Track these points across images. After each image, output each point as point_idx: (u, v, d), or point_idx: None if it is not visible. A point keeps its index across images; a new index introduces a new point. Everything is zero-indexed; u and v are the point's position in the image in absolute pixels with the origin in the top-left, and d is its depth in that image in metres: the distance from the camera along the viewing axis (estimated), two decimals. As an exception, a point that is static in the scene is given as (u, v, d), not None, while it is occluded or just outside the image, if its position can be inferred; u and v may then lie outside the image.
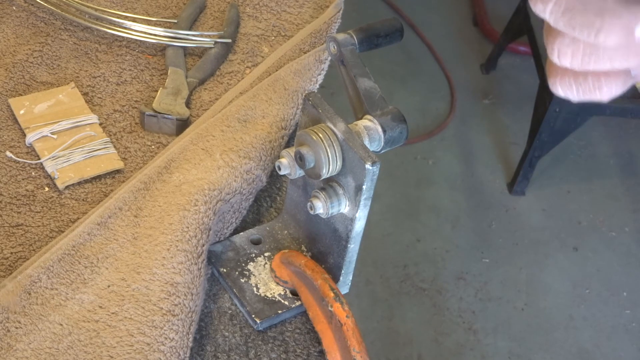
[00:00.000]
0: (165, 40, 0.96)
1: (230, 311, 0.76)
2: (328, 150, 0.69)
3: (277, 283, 0.77)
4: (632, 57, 0.44)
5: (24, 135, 0.86)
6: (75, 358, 0.68)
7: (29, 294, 0.72)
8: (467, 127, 2.42)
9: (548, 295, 2.06)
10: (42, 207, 0.81)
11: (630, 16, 0.42)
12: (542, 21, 0.47)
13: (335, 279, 0.76)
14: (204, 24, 1.02)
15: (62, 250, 0.74)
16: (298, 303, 0.76)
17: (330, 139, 0.70)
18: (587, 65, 0.45)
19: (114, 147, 0.86)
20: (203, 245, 0.75)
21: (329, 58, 0.95)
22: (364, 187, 0.69)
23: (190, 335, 0.70)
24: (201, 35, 0.98)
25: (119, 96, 0.92)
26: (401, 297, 2.00)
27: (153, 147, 0.88)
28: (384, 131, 0.76)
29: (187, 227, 0.74)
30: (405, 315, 1.97)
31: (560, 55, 0.45)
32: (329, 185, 0.72)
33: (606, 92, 0.46)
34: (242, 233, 0.81)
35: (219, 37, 0.98)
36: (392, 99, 2.41)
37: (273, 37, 1.01)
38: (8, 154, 0.85)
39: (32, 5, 0.99)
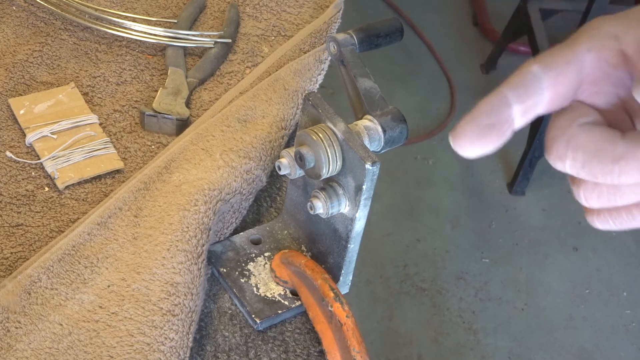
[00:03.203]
0: (165, 40, 0.96)
1: (230, 311, 0.76)
2: (328, 150, 0.69)
3: (277, 283, 0.77)
4: None
5: (24, 135, 0.86)
6: (75, 358, 0.68)
7: (29, 294, 0.72)
8: (467, 127, 2.42)
9: (548, 295, 2.06)
10: (42, 207, 0.81)
11: None
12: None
13: (335, 279, 0.76)
14: (204, 24, 1.02)
15: (62, 250, 0.74)
16: (298, 303, 0.76)
17: (330, 139, 0.70)
18: (614, 203, 0.49)
19: (114, 147, 0.86)
20: (203, 245, 0.75)
21: (329, 58, 0.95)
22: (364, 187, 0.69)
23: (190, 335, 0.71)
24: (201, 35, 0.98)
25: (119, 96, 0.92)
26: (401, 297, 2.00)
27: (153, 147, 0.88)
28: (384, 131, 0.76)
29: (187, 227, 0.75)
30: (405, 315, 1.97)
31: (588, 199, 0.49)
32: (329, 185, 0.72)
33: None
34: (242, 233, 0.81)
35: (219, 37, 0.98)
36: (392, 99, 2.40)
37: (273, 37, 1.01)
38: (8, 154, 0.85)
39: (32, 5, 0.99)
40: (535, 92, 0.48)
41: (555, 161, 0.48)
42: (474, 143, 0.47)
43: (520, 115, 0.48)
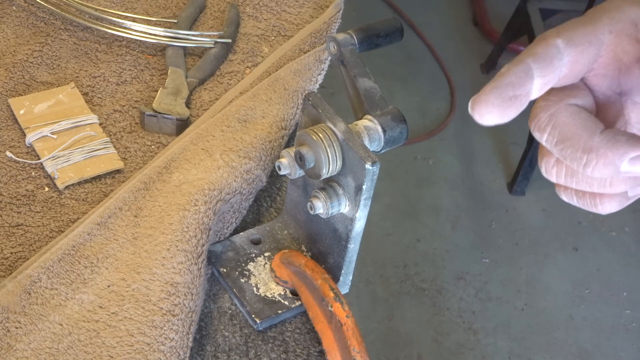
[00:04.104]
0: (165, 40, 0.96)
1: (230, 311, 0.76)
2: (328, 150, 0.69)
3: (277, 283, 0.77)
4: (612, 186, 0.48)
5: (24, 135, 0.86)
6: (75, 358, 0.68)
7: (29, 294, 0.72)
8: (467, 127, 2.42)
9: (548, 295, 2.06)
10: (42, 207, 0.81)
11: (614, 155, 0.45)
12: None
13: (335, 279, 0.76)
14: (204, 24, 1.02)
15: (62, 250, 0.74)
16: (298, 303, 0.76)
17: (330, 139, 0.70)
18: (570, 185, 0.50)
19: (114, 147, 0.86)
20: (203, 245, 0.75)
21: (329, 58, 0.95)
22: (364, 187, 0.69)
23: (190, 335, 0.71)
24: (201, 35, 0.98)
25: (119, 96, 0.92)
26: (401, 297, 2.00)
27: (153, 147, 0.88)
28: (384, 131, 0.76)
29: (187, 227, 0.74)
30: (405, 315, 1.97)
31: (547, 172, 0.51)
32: (329, 185, 0.72)
33: (603, 210, 0.51)
34: (242, 233, 0.81)
35: (219, 37, 0.98)
36: (392, 99, 2.41)
37: (273, 37, 1.01)
38: (8, 154, 0.85)
39: (32, 5, 0.99)
40: (557, 67, 0.48)
41: (534, 130, 0.49)
42: (494, 113, 0.47)
43: (538, 88, 0.48)
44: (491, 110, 0.47)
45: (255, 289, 0.76)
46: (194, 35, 0.98)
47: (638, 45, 0.48)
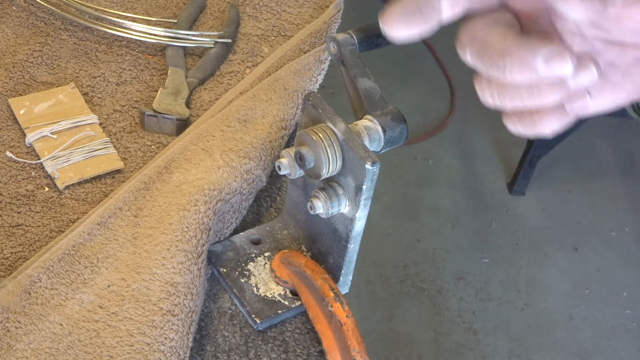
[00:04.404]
0: (165, 40, 0.96)
1: (230, 311, 0.76)
2: (328, 150, 0.69)
3: (277, 283, 0.77)
4: (542, 95, 0.48)
5: (24, 135, 0.86)
6: (75, 358, 0.68)
7: (29, 294, 0.72)
8: (467, 127, 2.42)
9: (548, 295, 2.06)
10: (42, 207, 0.81)
11: (528, 53, 0.45)
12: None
13: (335, 279, 0.76)
14: (204, 24, 1.02)
15: (62, 250, 0.74)
16: (298, 303, 0.76)
17: (330, 139, 0.70)
18: (503, 103, 0.50)
19: (114, 147, 0.86)
20: (203, 245, 0.75)
21: (329, 58, 0.95)
22: (364, 187, 0.69)
23: (190, 335, 0.70)
24: (201, 35, 0.98)
25: (119, 96, 0.92)
26: (401, 297, 2.00)
27: (153, 147, 0.88)
28: (384, 131, 0.76)
29: (187, 227, 0.74)
30: (405, 315, 1.97)
31: (482, 94, 0.51)
32: (329, 185, 0.72)
33: (544, 128, 0.51)
34: (242, 233, 0.81)
35: (219, 37, 0.98)
36: (392, 99, 2.40)
37: (273, 37, 1.01)
38: (8, 154, 0.85)
39: (32, 5, 0.99)
40: None
41: (460, 51, 0.49)
42: (401, 27, 0.48)
43: (448, 6, 0.48)
44: (397, 24, 0.48)
45: (255, 289, 0.76)
46: (194, 35, 0.98)
47: None
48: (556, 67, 0.45)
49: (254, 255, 0.79)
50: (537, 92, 0.48)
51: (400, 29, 0.48)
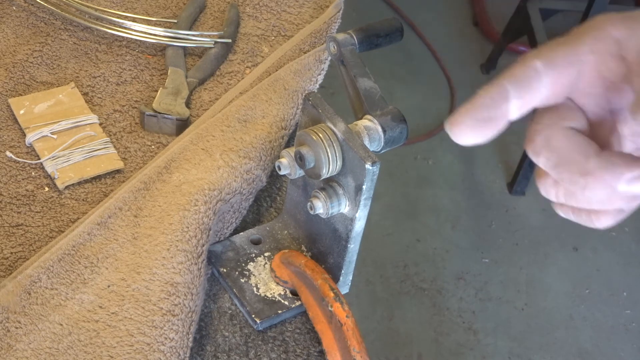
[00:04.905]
0: (165, 40, 0.96)
1: (230, 311, 0.76)
2: (328, 150, 0.69)
3: (277, 283, 0.77)
4: (610, 203, 0.49)
5: (24, 135, 0.86)
6: (75, 358, 0.68)
7: (29, 294, 0.72)
8: (467, 127, 2.42)
9: (548, 295, 2.06)
10: (42, 207, 0.81)
11: (611, 177, 0.47)
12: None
13: (335, 279, 0.76)
14: (204, 24, 1.02)
15: (62, 250, 0.74)
16: (298, 303, 0.76)
17: (330, 139, 0.70)
18: (569, 203, 0.51)
19: (114, 147, 0.86)
20: (203, 245, 0.75)
21: (329, 58, 0.95)
22: (364, 187, 0.69)
23: (190, 335, 0.71)
24: (201, 35, 0.98)
25: (119, 96, 0.92)
26: (401, 297, 2.00)
27: (153, 147, 0.88)
28: (384, 131, 0.76)
29: (187, 227, 0.74)
30: (405, 315, 1.97)
31: (546, 192, 0.52)
32: (329, 185, 0.72)
33: (600, 224, 0.52)
34: (242, 233, 0.81)
35: (219, 37, 0.98)
36: (392, 99, 2.41)
37: (273, 37, 1.01)
38: (8, 154, 0.85)
39: (32, 5, 0.99)
40: (535, 88, 0.48)
41: (531, 154, 0.50)
42: (469, 134, 0.48)
43: (516, 109, 0.48)
44: (465, 131, 0.48)
45: (255, 289, 0.76)
46: (194, 35, 0.98)
47: (622, 63, 0.48)
48: (637, 189, 0.46)
49: (254, 255, 0.79)
50: (607, 201, 0.49)
51: (468, 136, 0.48)
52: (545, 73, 0.48)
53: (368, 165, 0.67)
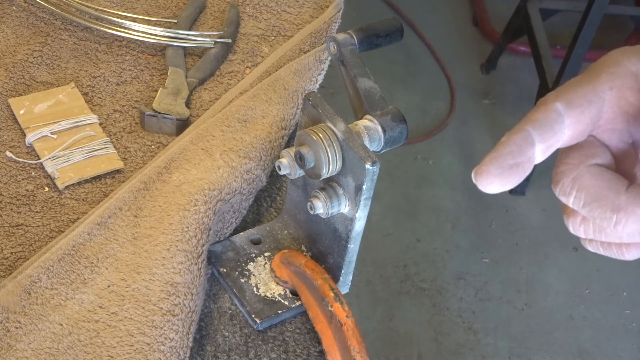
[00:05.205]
0: (165, 40, 0.96)
1: (230, 311, 0.76)
2: (328, 150, 0.69)
3: (277, 283, 0.77)
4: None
5: (24, 135, 0.86)
6: (75, 358, 0.68)
7: (29, 294, 0.72)
8: (467, 127, 2.42)
9: (548, 295, 2.06)
10: (42, 207, 0.81)
11: None
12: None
13: (335, 279, 0.76)
14: (204, 24, 1.02)
15: (62, 250, 0.74)
16: (298, 303, 0.76)
17: (330, 139, 0.70)
18: (599, 238, 0.52)
19: (114, 147, 0.86)
20: (203, 245, 0.75)
21: (329, 58, 0.95)
22: (364, 187, 0.69)
23: (190, 335, 0.71)
24: (201, 35, 0.98)
25: (119, 96, 0.92)
26: (401, 297, 2.00)
27: (153, 147, 0.88)
28: (384, 131, 0.76)
29: (187, 227, 0.74)
30: (405, 315, 1.97)
31: (575, 230, 0.53)
32: (329, 185, 0.72)
33: (630, 257, 0.52)
34: (242, 233, 0.81)
35: (219, 37, 0.98)
36: (392, 99, 2.41)
37: (273, 37, 1.01)
38: (8, 154, 0.85)
39: (32, 5, 0.99)
40: (558, 130, 0.49)
41: (560, 195, 0.50)
42: (497, 182, 0.48)
43: (541, 153, 0.49)
44: (493, 181, 0.48)
45: (255, 289, 0.76)
46: (194, 35, 0.98)
47: None
48: None
49: (254, 255, 0.79)
50: (638, 234, 0.49)
51: (496, 184, 0.48)
52: (566, 114, 0.48)
53: (368, 165, 0.67)
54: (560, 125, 0.48)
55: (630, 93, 0.49)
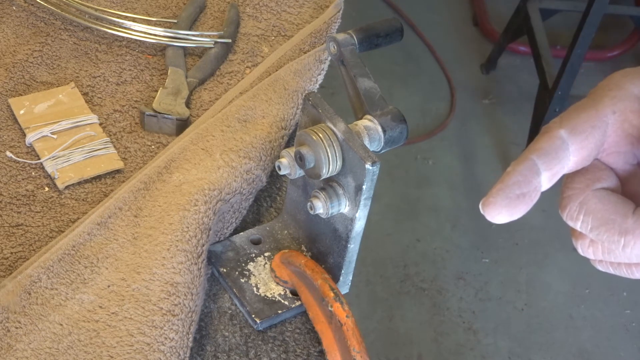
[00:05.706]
0: (165, 40, 0.97)
1: (230, 311, 0.76)
2: (328, 150, 0.69)
3: (277, 283, 0.77)
4: None
5: (24, 135, 0.86)
6: (75, 358, 0.68)
7: (29, 294, 0.72)
8: (467, 127, 2.42)
9: (548, 295, 2.06)
10: (42, 207, 0.81)
11: None
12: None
13: (335, 279, 0.76)
14: (204, 24, 1.02)
15: (62, 250, 0.74)
16: (298, 303, 0.76)
17: (330, 139, 0.70)
18: (607, 259, 0.52)
19: (114, 147, 0.87)
20: (203, 245, 0.75)
21: (329, 58, 0.95)
22: (364, 187, 0.69)
23: (190, 335, 0.71)
24: (201, 35, 0.98)
25: (119, 96, 0.92)
26: (401, 297, 2.00)
27: (153, 147, 0.88)
28: (384, 131, 0.76)
29: (187, 227, 0.75)
30: (405, 315, 1.97)
31: (584, 252, 0.53)
32: (329, 185, 0.72)
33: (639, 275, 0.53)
34: (242, 233, 0.81)
35: (219, 37, 0.98)
36: (392, 99, 2.40)
37: (273, 37, 1.01)
38: (8, 154, 0.85)
39: (32, 5, 0.99)
40: (563, 157, 0.49)
41: (567, 220, 0.51)
42: (504, 213, 0.49)
43: (547, 181, 0.49)
44: (500, 211, 0.49)
45: (255, 289, 0.76)
46: (194, 35, 0.98)
47: None
48: None
49: (254, 255, 0.79)
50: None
51: (504, 215, 0.49)
52: (571, 141, 0.49)
53: (368, 165, 0.67)
54: (565, 152, 0.49)
55: (633, 116, 0.49)
